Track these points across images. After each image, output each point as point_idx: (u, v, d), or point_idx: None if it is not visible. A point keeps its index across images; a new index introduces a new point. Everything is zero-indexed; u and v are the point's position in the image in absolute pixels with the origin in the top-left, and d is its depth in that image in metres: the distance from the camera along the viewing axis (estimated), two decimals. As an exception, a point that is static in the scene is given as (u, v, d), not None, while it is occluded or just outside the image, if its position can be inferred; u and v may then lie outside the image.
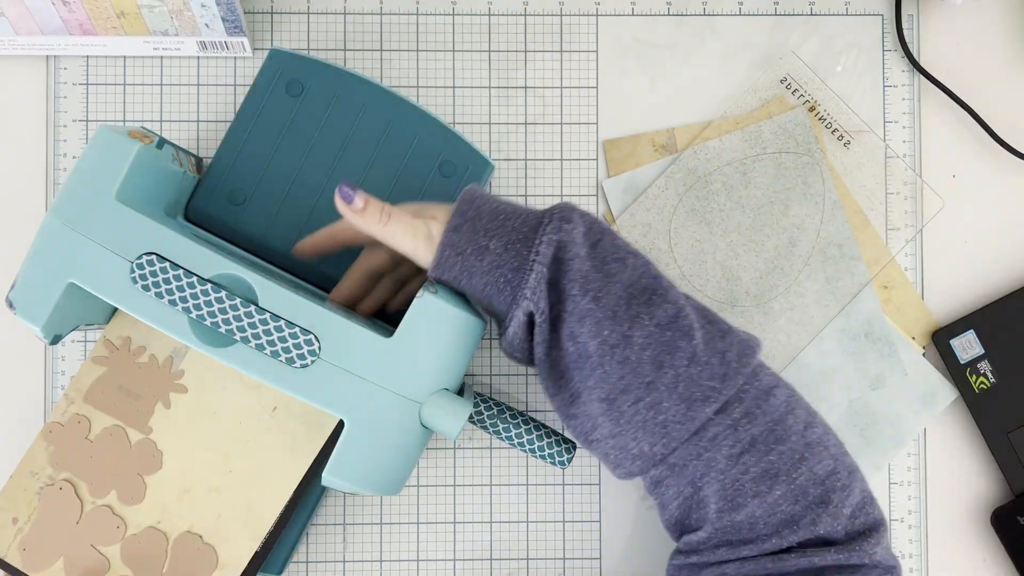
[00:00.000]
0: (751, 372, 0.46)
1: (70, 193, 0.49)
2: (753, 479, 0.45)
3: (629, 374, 0.45)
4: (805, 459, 0.45)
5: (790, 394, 0.47)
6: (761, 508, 0.45)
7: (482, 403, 0.52)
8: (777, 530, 0.45)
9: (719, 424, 0.45)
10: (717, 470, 0.45)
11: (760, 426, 0.45)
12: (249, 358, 0.47)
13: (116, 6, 0.52)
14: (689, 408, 0.45)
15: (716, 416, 0.46)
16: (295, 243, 0.54)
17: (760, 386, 0.46)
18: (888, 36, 0.60)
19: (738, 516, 0.45)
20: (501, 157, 0.58)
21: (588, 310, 0.45)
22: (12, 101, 0.58)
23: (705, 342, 0.46)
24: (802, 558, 0.44)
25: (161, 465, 0.52)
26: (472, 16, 0.59)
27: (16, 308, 0.48)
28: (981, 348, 0.58)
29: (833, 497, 0.45)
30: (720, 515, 0.46)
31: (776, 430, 0.46)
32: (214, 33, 0.55)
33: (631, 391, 0.46)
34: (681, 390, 0.45)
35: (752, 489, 0.45)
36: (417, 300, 0.48)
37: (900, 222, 0.59)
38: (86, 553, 0.51)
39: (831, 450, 0.46)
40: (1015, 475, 0.57)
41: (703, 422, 0.45)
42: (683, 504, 0.47)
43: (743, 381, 0.46)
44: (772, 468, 0.45)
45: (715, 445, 0.45)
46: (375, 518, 0.57)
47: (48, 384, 0.57)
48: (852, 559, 0.44)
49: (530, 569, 0.57)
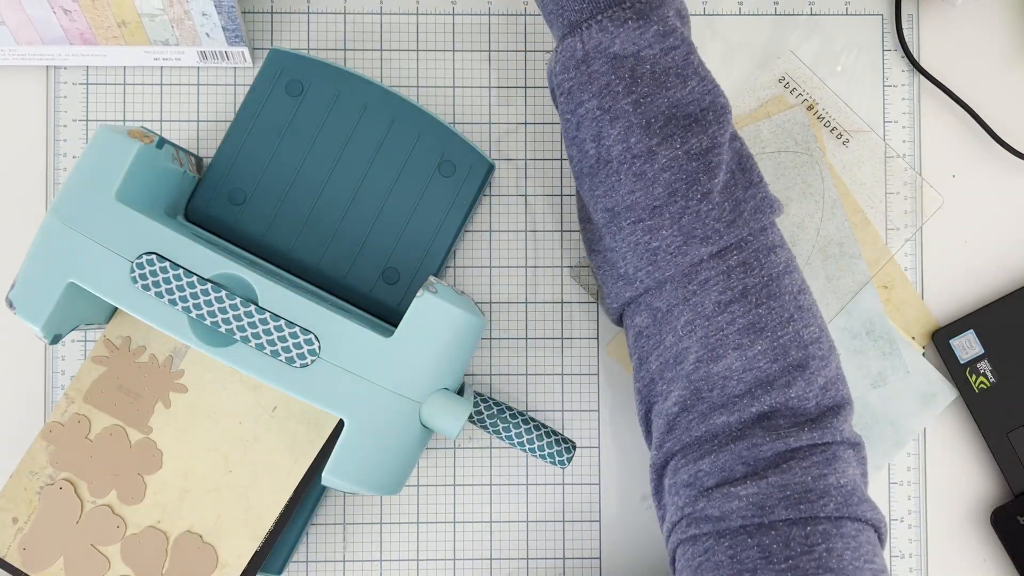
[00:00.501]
0: (760, 228, 0.45)
1: (70, 193, 0.49)
2: (738, 330, 0.44)
3: (640, 191, 0.45)
4: (793, 320, 0.45)
5: (791, 258, 0.47)
6: (740, 361, 0.44)
7: (482, 403, 0.52)
8: (750, 389, 0.44)
9: (713, 268, 0.45)
10: (703, 316, 0.45)
11: (755, 278, 0.45)
12: (249, 358, 0.47)
13: (117, 15, 0.52)
14: (685, 242, 0.44)
15: (711, 260, 0.45)
16: (295, 243, 0.54)
17: (765, 242, 0.45)
18: (888, 36, 0.60)
19: (715, 367, 0.45)
20: (501, 157, 0.58)
21: (624, 111, 0.44)
22: (12, 101, 0.58)
23: (726, 185, 0.45)
24: (777, 441, 0.43)
25: (161, 465, 0.52)
26: (472, 16, 0.59)
27: (16, 308, 0.48)
28: (981, 348, 0.58)
29: (811, 364, 0.44)
30: (698, 365, 0.45)
31: (770, 286, 0.45)
32: (214, 43, 0.55)
33: (636, 209, 0.45)
34: (684, 223, 0.44)
35: (735, 341, 0.44)
36: (417, 300, 0.48)
37: (900, 222, 0.59)
38: (86, 553, 0.51)
39: (818, 320, 0.46)
40: (1015, 475, 0.57)
41: (695, 261, 0.44)
42: (660, 356, 0.46)
43: (748, 233, 0.45)
44: (759, 322, 0.44)
45: (705, 289, 0.45)
46: (375, 518, 0.57)
47: (48, 384, 0.57)
48: (825, 437, 0.44)
49: (530, 569, 0.57)
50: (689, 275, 0.45)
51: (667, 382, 0.46)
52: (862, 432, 0.58)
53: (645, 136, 0.44)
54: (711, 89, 0.46)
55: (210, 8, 0.52)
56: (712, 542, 0.43)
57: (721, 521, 0.43)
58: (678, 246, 0.45)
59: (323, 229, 0.54)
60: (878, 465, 0.58)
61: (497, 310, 0.58)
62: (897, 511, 0.58)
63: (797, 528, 0.42)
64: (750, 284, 0.45)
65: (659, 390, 0.47)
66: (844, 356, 0.58)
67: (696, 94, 0.45)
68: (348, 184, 0.55)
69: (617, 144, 0.45)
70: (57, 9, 0.52)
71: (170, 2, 0.52)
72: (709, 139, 0.45)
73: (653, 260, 0.45)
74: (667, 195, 0.44)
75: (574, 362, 0.58)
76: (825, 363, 0.45)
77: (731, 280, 0.45)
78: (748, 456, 0.44)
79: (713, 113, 0.45)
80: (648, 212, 0.45)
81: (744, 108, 0.59)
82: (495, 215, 0.58)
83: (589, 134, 0.46)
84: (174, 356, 0.53)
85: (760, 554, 0.42)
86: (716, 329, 0.44)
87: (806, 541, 0.41)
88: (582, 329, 0.58)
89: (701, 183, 0.44)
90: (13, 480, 0.52)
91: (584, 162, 0.47)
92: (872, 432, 0.58)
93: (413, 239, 0.54)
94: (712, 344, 0.45)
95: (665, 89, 0.45)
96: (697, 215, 0.44)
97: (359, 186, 0.55)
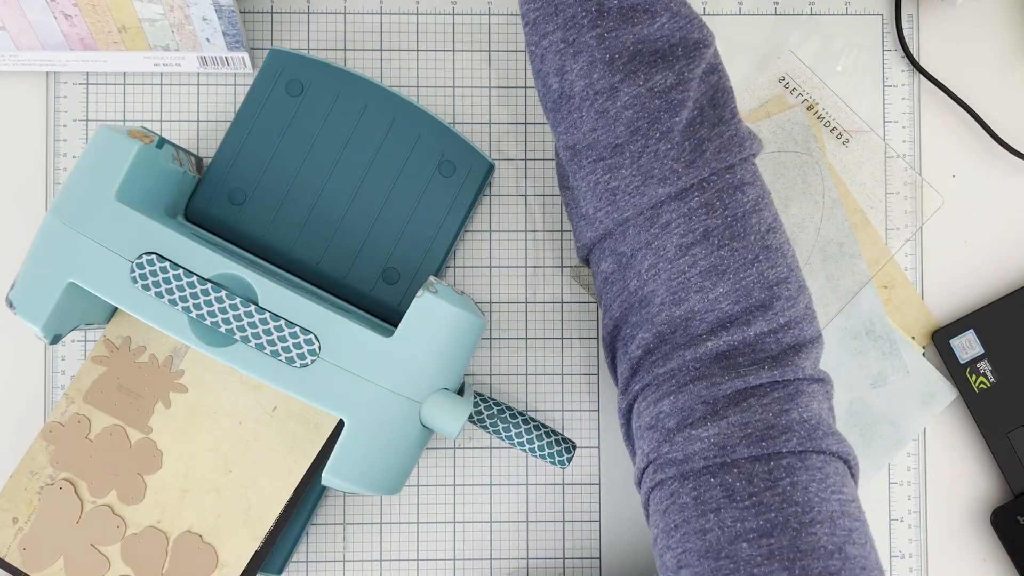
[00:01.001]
0: (726, 167, 0.44)
1: (70, 193, 0.49)
2: (700, 273, 0.43)
3: (601, 129, 0.44)
4: (758, 261, 0.44)
5: (761, 196, 0.45)
6: (701, 304, 0.44)
7: (482, 403, 0.52)
8: (713, 329, 0.44)
9: (674, 211, 0.44)
10: (666, 259, 0.44)
11: (717, 219, 0.43)
12: (249, 358, 0.47)
13: (118, 20, 0.52)
14: (644, 183, 0.44)
15: (672, 202, 0.44)
16: (295, 243, 0.54)
17: (731, 181, 0.44)
18: (888, 36, 0.60)
19: (677, 311, 0.44)
20: (501, 157, 0.58)
21: (588, 45, 0.44)
22: (12, 101, 0.58)
23: (689, 124, 0.44)
24: (736, 379, 0.43)
25: (161, 465, 0.52)
26: (472, 16, 0.59)
27: (16, 308, 0.48)
28: (981, 348, 0.58)
29: (776, 304, 0.43)
30: (661, 308, 0.44)
31: (734, 226, 0.44)
32: (215, 48, 0.55)
33: (596, 148, 0.44)
34: (642, 163, 0.43)
35: (697, 283, 0.43)
36: (417, 300, 0.48)
37: (900, 222, 0.59)
38: (86, 553, 0.51)
39: (787, 259, 0.45)
40: (1015, 475, 0.57)
41: (655, 203, 0.44)
42: (625, 302, 0.46)
43: (710, 173, 0.43)
44: (721, 264, 0.43)
45: (667, 232, 0.44)
46: (375, 518, 0.57)
47: (48, 384, 0.57)
48: (786, 375, 0.43)
49: (530, 569, 0.57)
50: (651, 218, 0.44)
51: (632, 326, 0.46)
52: (862, 432, 0.58)
53: (608, 72, 0.43)
54: (683, 25, 0.45)
55: (211, 13, 0.52)
56: (677, 485, 0.43)
57: (684, 463, 0.42)
58: (636, 186, 0.44)
59: (323, 229, 0.54)
60: (878, 465, 0.58)
61: (497, 310, 0.58)
62: (897, 511, 0.58)
63: (760, 464, 0.41)
64: (712, 225, 0.44)
65: (624, 334, 0.47)
66: (844, 356, 0.58)
67: (665, 30, 0.44)
68: (348, 184, 0.55)
69: (580, 80, 0.44)
70: (58, 14, 0.52)
71: (171, 7, 0.52)
72: (675, 76, 0.43)
73: (612, 200, 0.44)
74: (628, 134, 0.44)
75: (574, 362, 0.58)
76: (791, 303, 0.44)
77: (692, 222, 0.43)
78: (707, 395, 0.43)
79: (683, 49, 0.44)
80: (609, 151, 0.44)
81: (744, 108, 0.59)
82: (495, 215, 0.58)
83: (552, 67, 0.45)
84: (174, 356, 0.53)
85: (723, 493, 0.41)
86: (678, 272, 0.44)
87: (769, 476, 0.41)
88: (582, 329, 0.58)
89: (662, 121, 0.43)
90: (13, 480, 0.52)
91: (548, 97, 0.46)
92: (872, 432, 0.58)
93: (413, 239, 0.54)
94: (675, 288, 0.44)
95: (631, 24, 0.44)
96: (655, 155, 0.43)
97: (359, 186, 0.55)
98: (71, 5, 0.51)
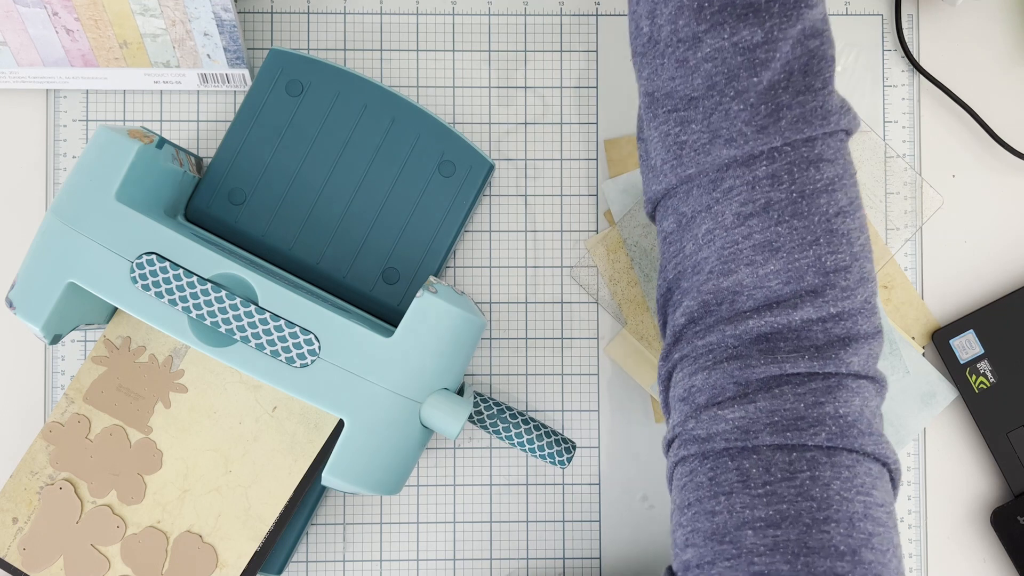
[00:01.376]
0: (804, 139, 0.41)
1: (70, 193, 0.49)
2: (753, 246, 0.41)
3: (680, 78, 0.42)
4: (818, 243, 0.41)
5: (839, 176, 0.42)
6: (751, 278, 0.41)
7: (482, 403, 0.52)
8: (758, 307, 0.42)
9: (739, 177, 0.41)
10: (723, 226, 0.42)
11: (782, 193, 0.41)
12: (249, 358, 0.47)
13: (119, 36, 0.52)
14: (710, 141, 0.41)
15: (737, 168, 0.41)
16: (295, 243, 0.54)
17: (805, 154, 0.41)
18: (888, 36, 0.60)
19: (725, 282, 0.42)
20: (501, 157, 0.58)
21: None
22: (12, 101, 0.58)
23: (770, 87, 0.41)
24: (771, 364, 0.41)
25: (161, 465, 0.52)
26: (472, 16, 0.59)
27: (16, 308, 0.48)
28: (981, 348, 0.58)
29: (828, 292, 0.41)
30: (709, 277, 0.42)
31: (799, 203, 0.41)
32: (215, 65, 0.55)
33: (673, 98, 0.42)
34: (713, 120, 0.41)
35: (748, 256, 0.41)
36: (417, 300, 0.48)
37: (900, 222, 0.59)
38: (86, 553, 0.51)
39: (854, 248, 0.42)
40: (1015, 475, 0.57)
41: (720, 165, 0.42)
42: (679, 265, 0.44)
43: (783, 143, 0.41)
44: (776, 241, 0.41)
45: (728, 198, 0.42)
46: (375, 518, 0.57)
47: (48, 384, 0.57)
48: (827, 367, 0.41)
49: (530, 569, 0.57)
50: (716, 181, 0.42)
51: (682, 292, 0.44)
52: (862, 432, 0.58)
53: (694, 20, 0.41)
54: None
55: (212, 28, 0.52)
56: (697, 463, 0.42)
57: (706, 442, 0.41)
58: (703, 144, 0.42)
59: (323, 229, 0.54)
60: (878, 465, 0.58)
61: (497, 310, 0.58)
62: (897, 511, 0.58)
63: (781, 454, 0.40)
64: (774, 198, 0.41)
65: (674, 299, 0.45)
66: (844, 356, 0.58)
67: None
68: (348, 184, 0.55)
69: (667, 24, 0.42)
70: (60, 28, 0.52)
71: (172, 21, 0.52)
72: (764, 33, 0.41)
73: (679, 155, 0.43)
74: (704, 88, 0.41)
75: (574, 362, 0.58)
76: (847, 294, 0.41)
77: (755, 192, 0.41)
78: (740, 376, 0.41)
79: (780, 5, 0.41)
80: (684, 103, 0.42)
81: (744, 108, 0.59)
82: (495, 215, 0.58)
83: (645, 9, 0.43)
84: (174, 356, 0.53)
85: (738, 477, 0.40)
86: (732, 242, 0.42)
87: (789, 468, 0.39)
88: (582, 329, 0.58)
89: (740, 79, 0.41)
90: (13, 480, 0.52)
91: (638, 40, 0.44)
92: (872, 432, 0.58)
93: (413, 239, 0.54)
94: (726, 257, 0.42)
95: None
96: (726, 114, 0.41)
97: (359, 186, 0.55)
98: (73, 20, 0.51)
